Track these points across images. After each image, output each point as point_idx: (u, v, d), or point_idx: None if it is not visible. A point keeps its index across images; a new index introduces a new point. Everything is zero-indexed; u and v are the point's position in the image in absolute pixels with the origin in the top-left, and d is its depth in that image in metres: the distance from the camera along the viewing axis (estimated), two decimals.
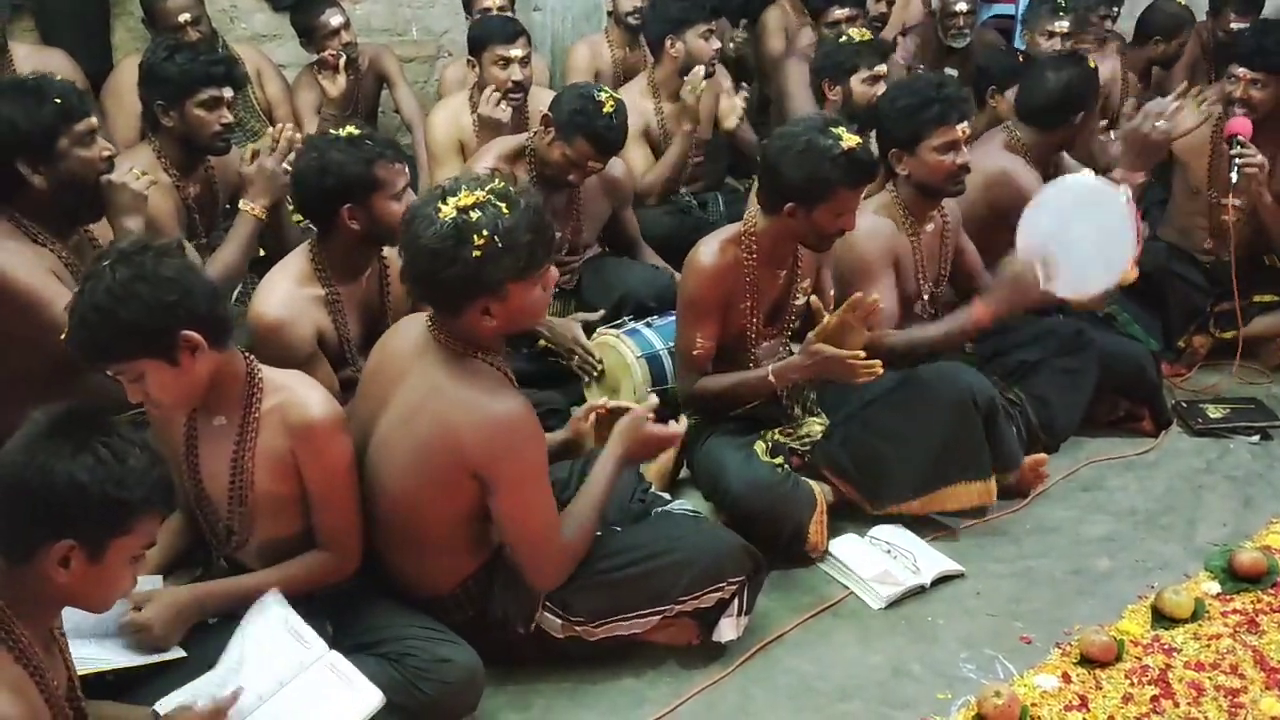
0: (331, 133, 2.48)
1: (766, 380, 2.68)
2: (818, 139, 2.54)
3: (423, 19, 5.12)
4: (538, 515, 2.09)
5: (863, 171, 2.58)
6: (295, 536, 2.10)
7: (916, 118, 2.87)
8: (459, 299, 1.99)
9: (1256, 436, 3.33)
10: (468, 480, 2.03)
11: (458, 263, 1.92)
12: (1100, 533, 2.89)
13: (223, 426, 2.03)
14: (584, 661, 2.32)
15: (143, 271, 1.84)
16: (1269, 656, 2.40)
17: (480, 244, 1.91)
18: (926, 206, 3.02)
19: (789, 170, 2.56)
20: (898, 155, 2.94)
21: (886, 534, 2.78)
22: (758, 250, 2.71)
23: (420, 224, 1.95)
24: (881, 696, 2.32)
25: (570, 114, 3.13)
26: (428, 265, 1.95)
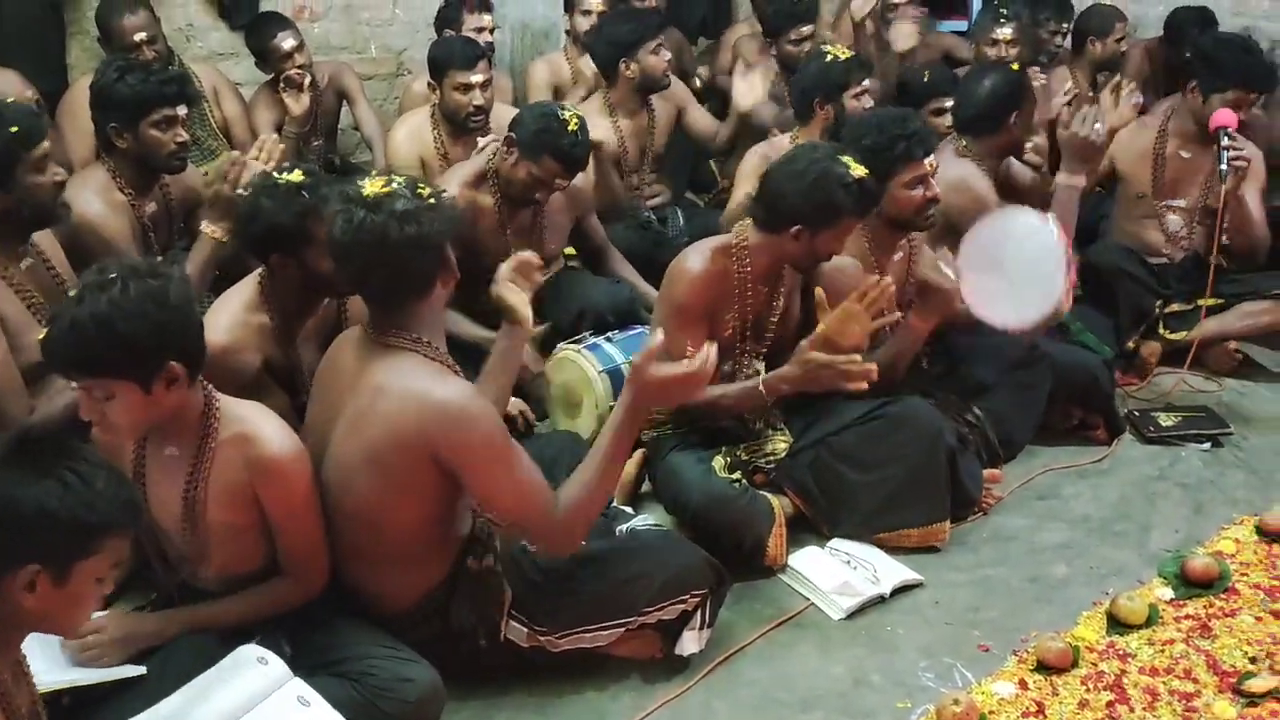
0: (274, 175, 2.46)
1: (756, 391, 2.69)
2: (831, 167, 2.60)
3: (381, 36, 5.13)
4: (519, 488, 2.04)
5: (871, 201, 2.67)
6: (254, 562, 2.10)
7: (883, 156, 2.90)
8: (441, 254, 2.03)
9: (1208, 444, 3.39)
10: (427, 473, 2.00)
11: (427, 211, 1.98)
12: (1056, 540, 2.93)
13: (174, 457, 2.02)
14: (547, 676, 2.32)
15: (153, 293, 1.83)
16: (1221, 661, 2.44)
17: (427, 192, 2.00)
18: (894, 238, 3.06)
19: (799, 196, 2.61)
20: None
21: (846, 545, 2.80)
22: (750, 263, 2.73)
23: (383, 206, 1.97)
24: (842, 707, 2.34)
25: (535, 134, 3.15)
26: (416, 232, 1.97)
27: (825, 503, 2.82)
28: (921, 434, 2.80)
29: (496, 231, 3.33)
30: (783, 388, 2.68)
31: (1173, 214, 3.81)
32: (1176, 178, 3.79)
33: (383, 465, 2.01)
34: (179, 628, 2.07)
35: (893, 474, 2.78)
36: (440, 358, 2.06)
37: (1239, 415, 3.56)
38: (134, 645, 2.02)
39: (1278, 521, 2.91)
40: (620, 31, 4.04)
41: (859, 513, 2.81)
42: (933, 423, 2.83)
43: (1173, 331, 3.82)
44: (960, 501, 2.93)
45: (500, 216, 3.33)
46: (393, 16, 5.13)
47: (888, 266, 3.05)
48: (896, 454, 2.78)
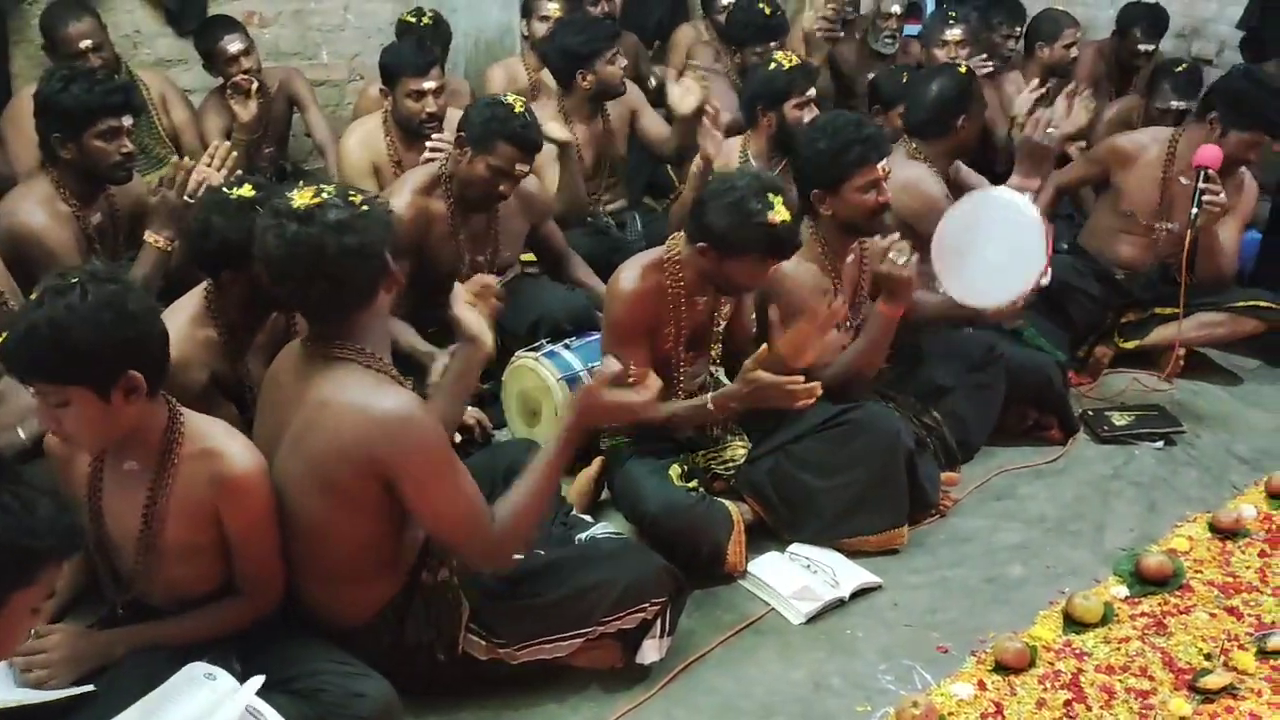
0: (224, 190, 2.41)
1: (705, 409, 2.69)
2: (750, 200, 2.55)
3: (333, 42, 5.08)
4: (457, 504, 2.01)
5: (780, 248, 2.61)
6: (208, 582, 2.06)
7: (839, 160, 2.90)
8: (383, 262, 1.99)
9: (1160, 443, 3.43)
10: (373, 487, 1.97)
11: (363, 219, 1.93)
12: (1012, 541, 2.95)
13: (134, 471, 1.98)
14: (505, 688, 2.29)
15: (112, 299, 1.80)
16: (1177, 658, 2.47)
17: (359, 199, 1.96)
18: (847, 242, 3.06)
19: (714, 215, 2.58)
20: (820, 196, 2.96)
21: (806, 550, 2.80)
22: (682, 277, 2.72)
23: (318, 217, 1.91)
24: (803, 712, 2.33)
25: (484, 124, 3.13)
26: (356, 241, 1.92)
27: (785, 509, 2.83)
28: (881, 440, 2.81)
29: (449, 238, 3.30)
30: (731, 405, 2.68)
31: (1157, 235, 3.81)
32: (1171, 202, 3.74)
33: (329, 481, 1.98)
34: (128, 646, 2.03)
35: (852, 480, 2.79)
36: (384, 368, 2.02)
37: (1191, 414, 3.61)
38: (83, 664, 1.98)
39: (1230, 519, 2.95)
40: (575, 43, 4.02)
41: (819, 519, 2.81)
42: (892, 429, 2.84)
43: (1126, 339, 3.86)
44: (919, 504, 2.95)
45: (453, 223, 3.30)
46: (344, 22, 5.08)
47: (841, 270, 3.06)
48: (856, 461, 2.79)
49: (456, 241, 3.30)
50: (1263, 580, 2.75)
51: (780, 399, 2.59)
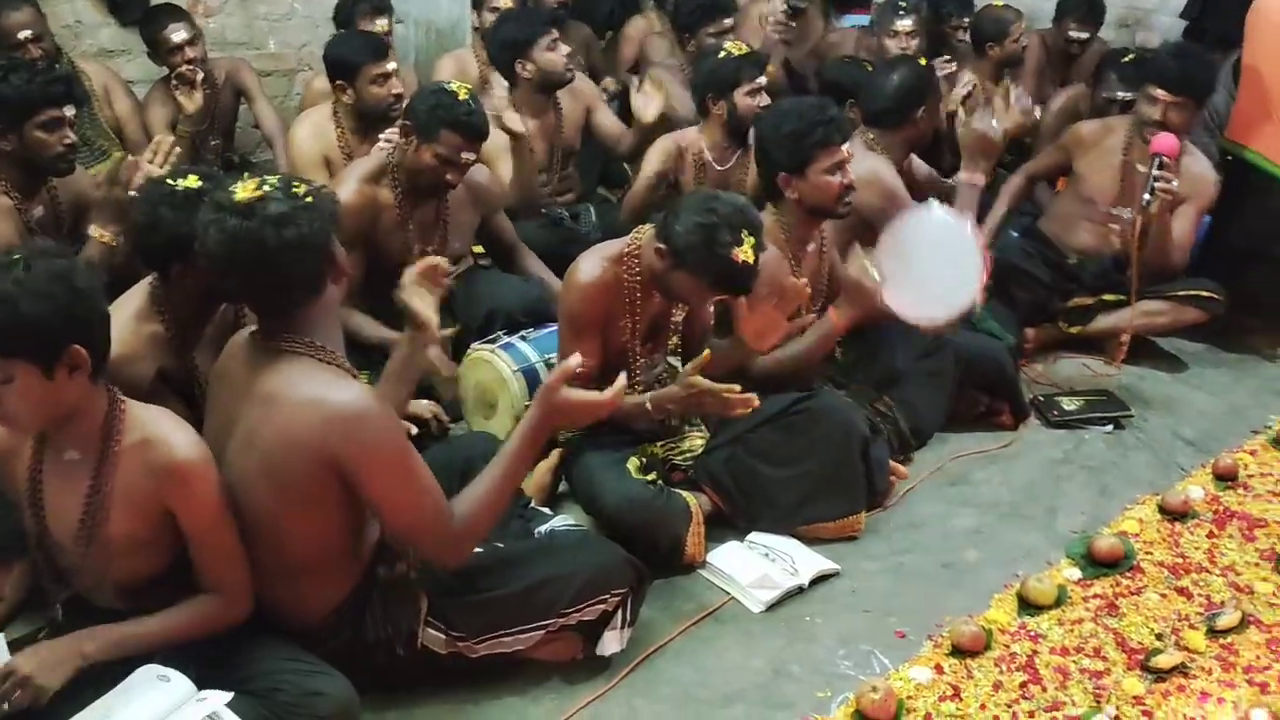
0: (169, 181, 2.36)
1: (644, 408, 2.69)
2: (723, 230, 2.52)
3: (280, 31, 4.99)
4: (416, 498, 1.98)
5: (733, 284, 2.59)
6: (153, 577, 2.01)
7: (803, 142, 2.91)
8: (328, 255, 1.96)
9: (1110, 426, 3.49)
10: (329, 481, 1.93)
11: (304, 212, 1.89)
12: (967, 525, 2.99)
13: (75, 462, 1.93)
14: (465, 682, 2.28)
15: (61, 273, 1.78)
16: (1129, 638, 2.51)
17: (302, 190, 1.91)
18: (810, 227, 3.08)
19: (684, 226, 2.56)
20: (785, 180, 2.97)
21: (764, 538, 2.81)
22: (640, 270, 2.71)
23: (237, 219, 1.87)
24: (763, 699, 2.35)
25: (428, 111, 3.10)
26: (296, 235, 1.87)
27: (742, 499, 2.83)
28: (837, 429, 2.82)
29: (398, 228, 3.26)
30: (668, 407, 2.68)
31: (1116, 222, 3.87)
32: (1131, 190, 3.81)
33: (281, 477, 1.94)
34: (100, 649, 1.94)
35: (809, 469, 2.80)
36: (336, 361, 1.99)
37: (1139, 398, 3.68)
38: (59, 670, 1.89)
39: (1178, 501, 3.01)
40: (510, 32, 3.99)
41: (776, 508, 2.82)
42: (847, 417, 2.86)
43: (1071, 325, 3.93)
44: (874, 491, 2.97)
45: (402, 213, 3.26)
46: (292, 11, 5.00)
47: (803, 257, 3.07)
48: (812, 449, 2.80)
49: (405, 232, 3.27)
50: (1211, 560, 2.81)
51: (716, 406, 2.60)
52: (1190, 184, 3.71)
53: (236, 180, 1.94)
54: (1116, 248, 3.88)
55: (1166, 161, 3.50)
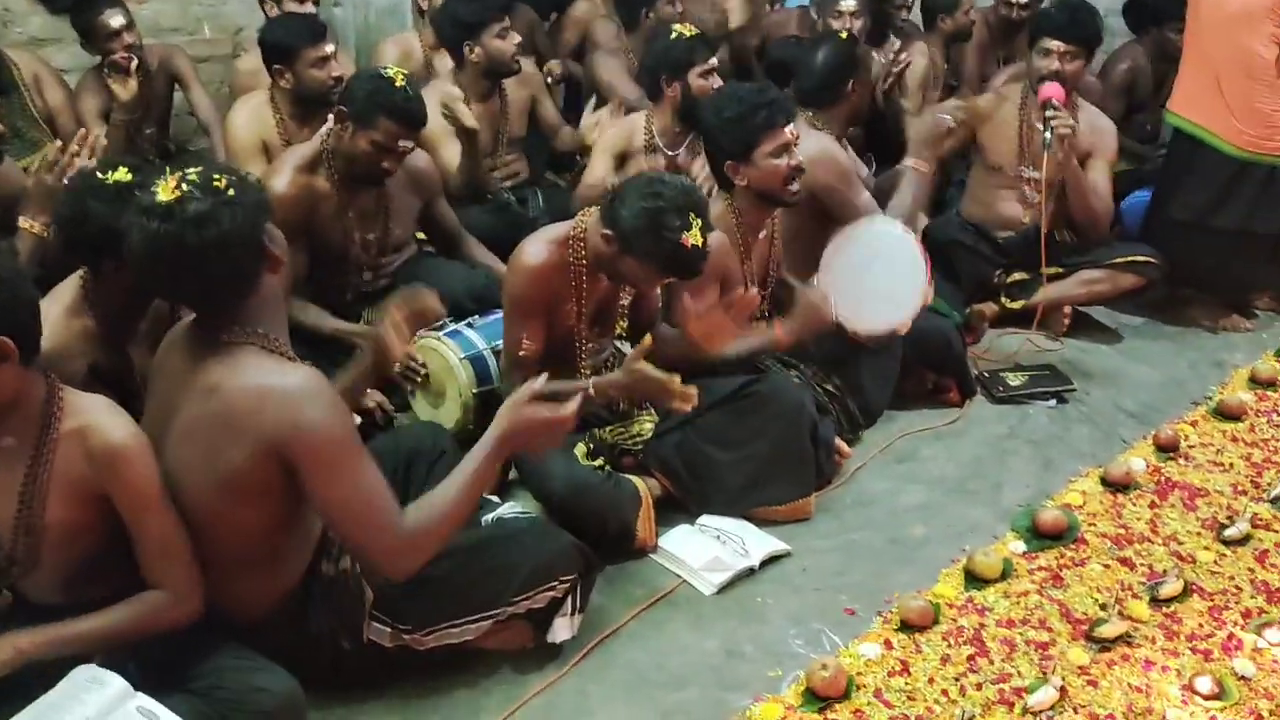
0: (99, 175, 2.29)
1: (587, 393, 2.67)
2: (670, 215, 2.50)
3: (216, 16, 4.89)
4: (360, 493, 1.90)
5: (682, 268, 2.58)
6: (92, 567, 1.96)
7: (746, 125, 2.90)
8: (258, 253, 1.90)
9: (1053, 400, 3.53)
10: (271, 469, 1.88)
11: (231, 207, 1.83)
12: (915, 502, 3.01)
13: (11, 447, 1.88)
14: (414, 674, 2.26)
15: None
16: (1074, 609, 2.55)
17: (224, 185, 1.85)
18: (762, 214, 3.06)
19: (629, 213, 2.53)
20: (733, 167, 2.96)
21: (715, 520, 2.81)
22: (586, 253, 2.69)
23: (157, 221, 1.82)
24: (716, 680, 2.35)
25: (365, 98, 3.04)
26: (215, 235, 1.81)
27: (693, 483, 2.83)
28: (786, 412, 2.83)
29: (337, 216, 3.21)
30: (611, 393, 2.67)
31: (1028, 185, 3.94)
32: (1035, 150, 3.87)
33: (222, 468, 1.90)
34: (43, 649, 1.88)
35: (758, 452, 2.81)
36: (280, 349, 1.95)
37: (1081, 372, 3.72)
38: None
39: (1121, 472, 3.06)
40: (463, 13, 3.93)
41: (727, 491, 2.82)
42: (796, 400, 2.87)
43: (1013, 300, 3.98)
44: (821, 473, 2.98)
45: (340, 200, 3.21)
46: None
47: (753, 245, 3.07)
48: (762, 432, 2.81)
49: (345, 219, 3.22)
50: (1153, 531, 2.86)
51: (659, 395, 2.60)
52: (1092, 135, 3.81)
53: (160, 178, 1.88)
54: (1034, 213, 3.93)
55: (1056, 103, 3.63)
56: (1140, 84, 4.88)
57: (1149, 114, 4.85)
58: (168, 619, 1.96)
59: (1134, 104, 4.90)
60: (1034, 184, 3.89)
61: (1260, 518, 2.89)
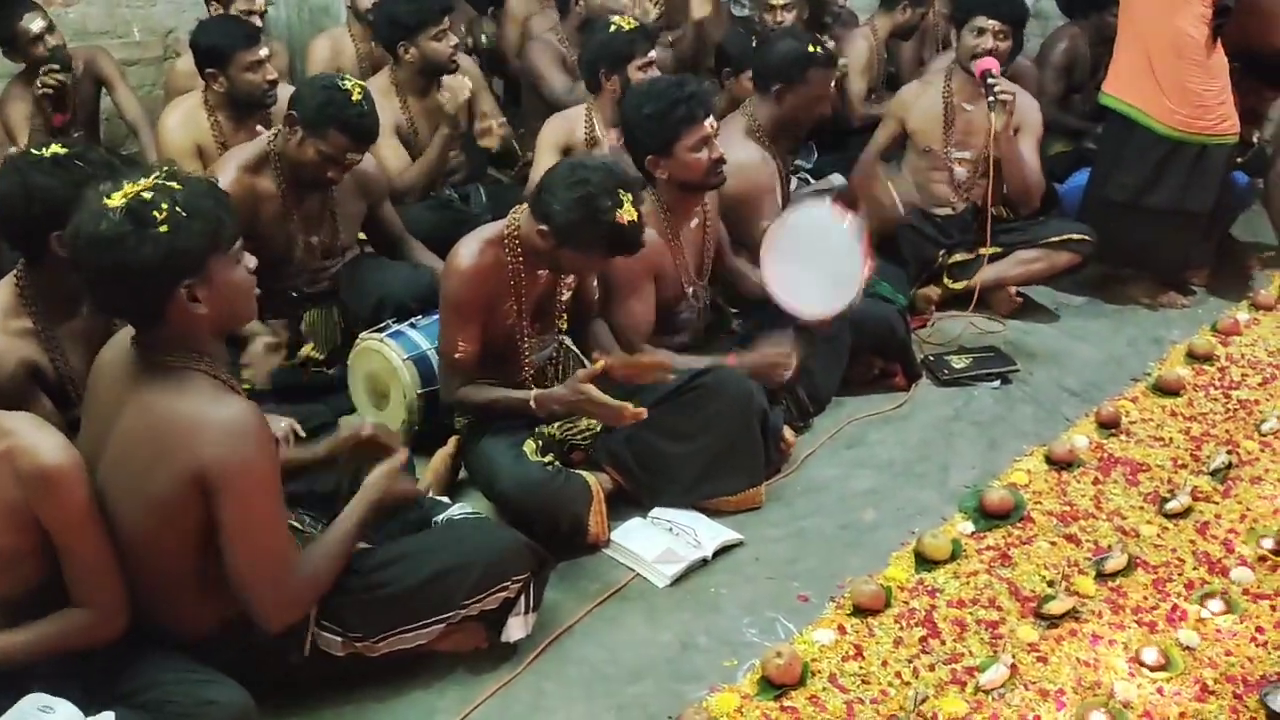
0: (34, 152, 2.24)
1: (527, 404, 2.68)
2: (601, 197, 2.50)
3: (144, 18, 4.79)
4: (267, 534, 1.93)
5: (622, 246, 2.58)
6: (28, 591, 1.91)
7: (665, 121, 2.90)
8: (159, 291, 1.84)
9: (997, 382, 3.58)
10: (193, 498, 1.87)
11: (145, 243, 1.77)
12: (864, 486, 3.03)
13: None
14: (368, 680, 2.24)
15: None
16: (1022, 587, 2.58)
17: (163, 216, 1.79)
18: (689, 204, 3.07)
19: (560, 205, 2.52)
20: (654, 161, 2.96)
21: (667, 513, 2.82)
22: (522, 251, 2.67)
23: (88, 224, 1.80)
24: (671, 673, 2.36)
25: (318, 108, 3.00)
26: (112, 261, 1.79)
27: (644, 476, 2.83)
28: (734, 402, 2.84)
29: (281, 219, 3.17)
30: (554, 407, 2.68)
31: (959, 165, 4.01)
32: (962, 130, 3.97)
33: (151, 490, 1.88)
34: None
35: (708, 444, 2.81)
36: (214, 371, 1.93)
37: (1024, 353, 3.78)
38: None
39: (1064, 450, 3.10)
40: (400, 12, 3.89)
41: (678, 484, 2.83)
42: (744, 390, 2.87)
43: (955, 280, 4.03)
44: (769, 462, 2.99)
45: (285, 204, 3.16)
46: None
47: (682, 232, 3.07)
48: (711, 424, 2.81)
49: (290, 223, 3.18)
50: (1097, 507, 2.90)
51: (605, 416, 2.63)
52: (1021, 113, 3.85)
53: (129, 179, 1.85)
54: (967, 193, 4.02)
55: (993, 73, 3.72)
56: (1079, 66, 4.95)
57: (1086, 95, 4.92)
58: (91, 637, 1.94)
59: (1072, 85, 4.97)
60: (963, 163, 3.97)
61: (1200, 490, 2.95)
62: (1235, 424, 3.33)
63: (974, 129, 3.91)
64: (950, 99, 3.97)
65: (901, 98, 4.14)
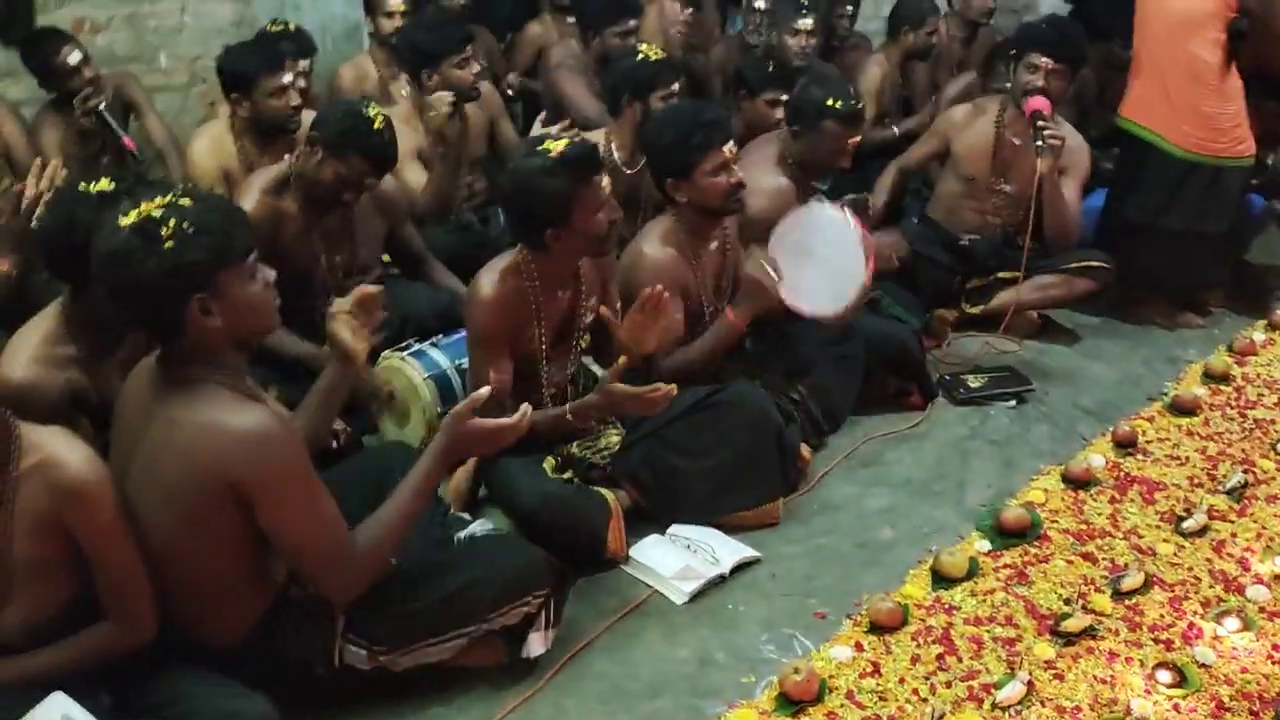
0: (81, 187, 2.29)
1: (564, 418, 2.70)
2: (530, 163, 2.56)
3: (172, 45, 4.86)
4: (313, 523, 1.97)
5: (585, 165, 2.59)
6: (62, 605, 1.96)
7: (684, 148, 2.95)
8: (171, 305, 1.89)
9: (1013, 401, 3.59)
10: (227, 509, 1.92)
11: (152, 257, 1.83)
12: (881, 505, 3.05)
13: None
14: (391, 695, 2.27)
15: None
16: (1038, 605, 2.59)
17: (169, 232, 1.84)
18: (709, 226, 3.12)
19: (525, 203, 2.58)
20: (674, 185, 3.02)
21: (685, 530, 2.84)
22: (539, 276, 2.71)
23: (103, 242, 1.88)
24: (690, 689, 2.37)
25: (340, 133, 3.06)
26: (123, 276, 1.85)
27: (661, 493, 2.86)
28: (750, 418, 2.87)
29: (302, 238, 3.22)
30: (590, 414, 2.71)
31: (997, 197, 4.00)
32: (1007, 163, 3.96)
33: (181, 503, 1.93)
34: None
35: (724, 460, 2.84)
36: (235, 384, 1.97)
37: (1040, 372, 3.79)
38: None
39: (1081, 469, 3.11)
40: (423, 41, 3.97)
41: (695, 500, 2.85)
42: (760, 406, 2.90)
43: (972, 305, 4.04)
44: (788, 479, 3.02)
45: (306, 222, 3.22)
46: (182, 24, 4.87)
47: (704, 255, 3.11)
48: (727, 440, 2.84)
49: (310, 242, 3.23)
50: (1114, 525, 2.91)
51: (638, 408, 2.64)
52: (1066, 153, 3.85)
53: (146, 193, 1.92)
54: (1000, 223, 4.02)
55: (1045, 115, 3.69)
56: (1086, 92, 4.99)
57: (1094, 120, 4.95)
58: (119, 648, 1.99)
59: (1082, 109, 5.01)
60: (1003, 195, 3.96)
61: (1216, 509, 2.96)
62: (1251, 443, 3.33)
63: (1019, 164, 3.89)
64: (1002, 131, 3.95)
65: (951, 118, 4.13)
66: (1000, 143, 3.96)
